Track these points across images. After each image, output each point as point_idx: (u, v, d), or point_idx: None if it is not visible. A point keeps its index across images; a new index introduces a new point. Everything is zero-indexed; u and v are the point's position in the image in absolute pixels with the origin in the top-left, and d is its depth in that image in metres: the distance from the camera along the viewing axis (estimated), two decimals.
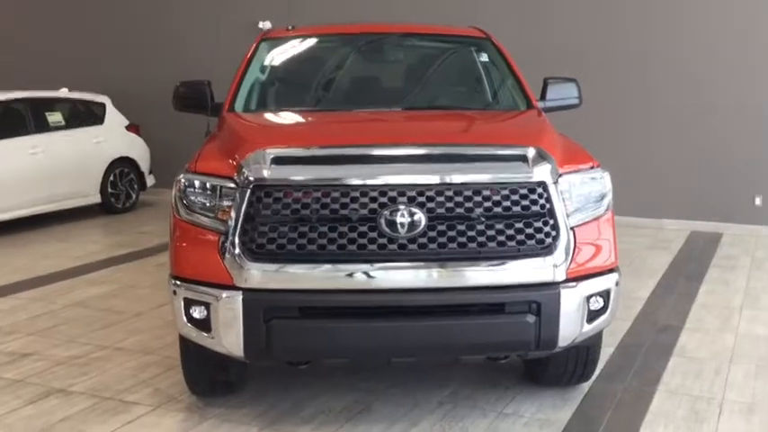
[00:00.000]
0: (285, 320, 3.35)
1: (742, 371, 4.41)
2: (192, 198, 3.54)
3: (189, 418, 3.84)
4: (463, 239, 3.36)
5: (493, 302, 3.41)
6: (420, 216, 3.31)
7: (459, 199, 3.36)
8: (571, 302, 3.45)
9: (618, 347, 4.79)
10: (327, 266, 3.33)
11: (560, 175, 3.52)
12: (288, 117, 4.52)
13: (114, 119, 10.14)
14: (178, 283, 3.52)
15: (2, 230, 8.53)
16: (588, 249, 3.59)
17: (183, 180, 3.59)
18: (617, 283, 3.64)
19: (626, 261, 6.58)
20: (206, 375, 3.91)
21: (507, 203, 3.39)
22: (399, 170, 3.39)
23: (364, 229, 3.33)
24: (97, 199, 9.71)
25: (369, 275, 3.34)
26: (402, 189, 3.34)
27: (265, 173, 3.37)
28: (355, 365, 4.13)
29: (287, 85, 4.95)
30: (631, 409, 3.91)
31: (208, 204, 3.49)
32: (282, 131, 4.12)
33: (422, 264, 3.35)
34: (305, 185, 3.36)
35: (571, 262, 3.49)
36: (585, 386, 4.18)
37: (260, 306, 3.34)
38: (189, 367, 3.89)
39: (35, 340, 4.95)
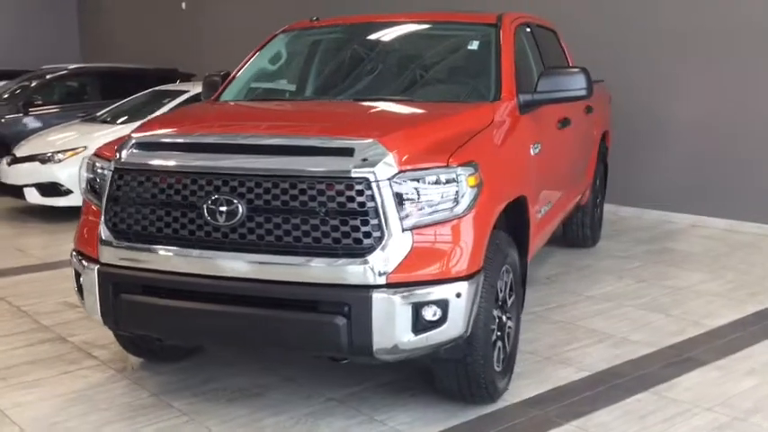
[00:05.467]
0: (129, 296, 3.60)
1: None
2: (89, 178, 3.92)
3: (109, 376, 4.26)
4: (280, 232, 3.32)
5: (302, 299, 3.32)
6: (238, 206, 3.35)
7: (277, 191, 3.32)
8: (386, 308, 3.22)
9: (593, 376, 4.24)
10: (164, 248, 3.52)
11: (399, 173, 3.29)
12: (227, 108, 4.66)
13: None
14: (73, 254, 3.93)
15: None
16: (427, 255, 3.31)
17: (86, 161, 3.98)
18: (458, 295, 3.30)
19: None
20: (122, 339, 4.27)
21: (324, 199, 3.26)
22: (226, 160, 3.44)
23: (193, 215, 3.45)
24: None
25: (196, 261, 3.46)
26: (225, 179, 3.39)
27: (124, 157, 3.64)
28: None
29: (275, 77, 5.11)
30: None
31: (96, 184, 3.85)
32: (187, 119, 4.29)
33: (240, 254, 3.38)
34: (149, 170, 3.57)
35: (398, 266, 3.26)
36: (493, 407, 3.82)
37: (110, 280, 3.63)
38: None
39: None
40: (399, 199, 3.27)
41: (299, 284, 3.32)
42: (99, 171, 3.79)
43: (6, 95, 11.43)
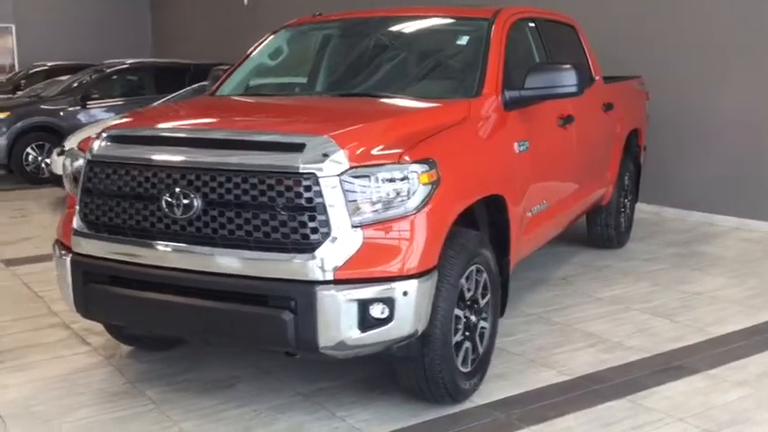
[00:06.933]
0: (97, 285, 3.70)
1: None
2: (72, 170, 4.03)
3: (96, 362, 4.39)
4: (233, 226, 3.35)
5: (253, 293, 3.34)
6: (194, 199, 3.39)
7: (230, 185, 3.35)
8: (331, 305, 3.22)
9: (572, 380, 4.13)
10: (128, 240, 3.60)
11: (349, 169, 3.27)
12: (209, 103, 4.72)
13: None
14: (54, 244, 4.05)
15: None
16: (377, 252, 3.29)
17: (68, 155, 4.10)
18: (405, 293, 3.26)
19: None
20: (109, 327, 4.38)
21: (274, 194, 3.28)
22: (184, 154, 3.49)
23: (154, 208, 3.52)
24: None
25: (156, 253, 3.53)
26: (183, 172, 3.45)
27: (95, 150, 3.74)
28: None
29: (273, 72, 5.13)
30: None
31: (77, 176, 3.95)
32: (162, 114, 4.34)
33: (196, 246, 3.43)
34: (116, 163, 3.65)
35: (346, 263, 3.24)
36: (458, 407, 3.76)
37: (81, 270, 3.74)
38: None
39: None
40: (349, 195, 3.26)
41: (250, 278, 3.34)
42: (76, 163, 3.89)
43: (64, 89, 11.87)
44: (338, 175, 3.25)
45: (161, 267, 3.52)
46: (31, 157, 11.15)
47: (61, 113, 11.34)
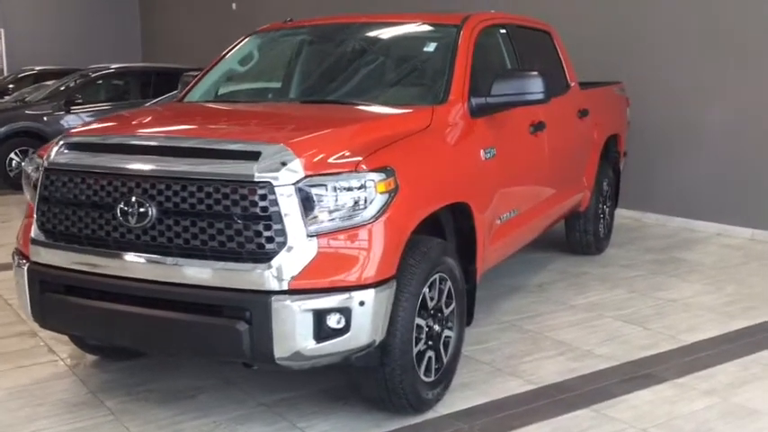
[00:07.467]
0: (53, 295, 3.65)
1: None
2: (31, 176, 3.98)
3: (59, 372, 4.34)
4: (188, 236, 3.31)
5: (208, 303, 3.30)
6: (148, 208, 3.35)
7: (185, 194, 3.30)
8: (285, 315, 3.18)
9: (539, 389, 4.09)
10: (84, 249, 3.56)
11: (305, 178, 3.23)
12: (171, 109, 4.72)
13: None
14: (13, 252, 4.01)
15: None
16: (332, 261, 3.25)
17: (27, 162, 4.05)
18: (361, 303, 3.22)
19: None
20: (72, 337, 4.33)
21: (228, 202, 3.23)
22: (138, 162, 3.45)
23: (109, 216, 3.47)
24: None
25: (112, 262, 3.48)
26: (138, 180, 3.40)
27: (52, 157, 3.70)
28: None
29: (242, 79, 5.10)
30: None
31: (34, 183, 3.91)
32: (122, 121, 4.29)
33: (152, 256, 3.39)
34: (71, 171, 3.60)
35: (302, 272, 3.20)
36: (420, 417, 3.72)
37: (37, 278, 3.69)
38: None
39: None
40: (305, 204, 3.22)
41: (205, 288, 3.30)
42: (33, 170, 3.85)
43: (49, 94, 11.81)
44: (293, 184, 3.21)
45: (117, 277, 3.48)
46: (14, 163, 11.09)
47: (45, 118, 11.28)
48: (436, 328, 3.77)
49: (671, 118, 8.14)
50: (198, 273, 3.29)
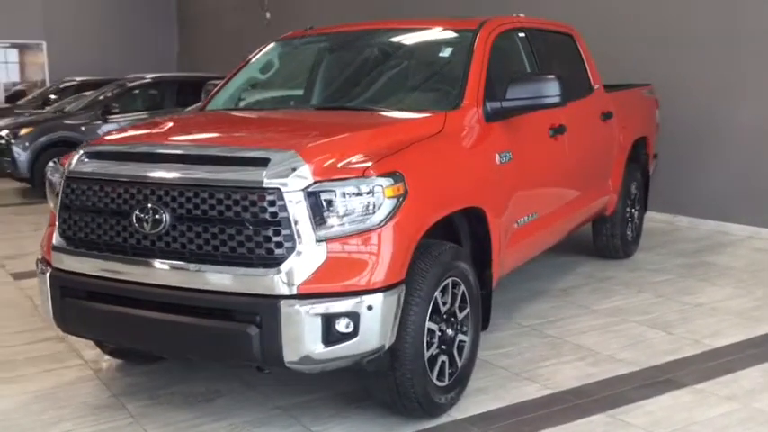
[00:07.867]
0: (74, 300, 3.74)
1: None
2: (54, 185, 4.08)
3: (84, 375, 4.43)
4: (201, 241, 3.37)
5: (219, 308, 3.35)
6: (163, 215, 3.42)
7: (197, 201, 3.36)
8: (294, 319, 3.21)
9: (555, 394, 4.07)
10: (102, 255, 3.64)
11: (314, 183, 3.27)
12: (192, 118, 4.78)
13: None
14: (38, 258, 4.11)
15: None
16: (341, 266, 3.28)
17: (51, 171, 4.15)
18: (369, 307, 3.24)
19: None
20: (96, 341, 4.42)
21: (239, 209, 3.29)
22: (153, 169, 3.52)
23: (125, 223, 3.55)
24: None
25: (128, 268, 3.55)
26: (152, 188, 3.47)
27: (72, 165, 3.79)
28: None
29: (264, 86, 5.16)
30: None
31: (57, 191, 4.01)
32: (142, 129, 4.37)
33: (166, 262, 3.45)
34: (90, 179, 3.69)
35: (311, 277, 3.24)
36: (434, 422, 3.73)
37: (58, 284, 3.78)
38: None
39: None
40: (314, 210, 3.26)
41: (217, 293, 3.35)
42: (56, 179, 3.95)
43: (87, 104, 12.06)
44: (303, 190, 3.25)
45: (133, 283, 3.55)
46: None
47: (83, 128, 11.52)
48: (449, 332, 3.77)
49: (702, 120, 8.03)
50: (210, 278, 3.35)
